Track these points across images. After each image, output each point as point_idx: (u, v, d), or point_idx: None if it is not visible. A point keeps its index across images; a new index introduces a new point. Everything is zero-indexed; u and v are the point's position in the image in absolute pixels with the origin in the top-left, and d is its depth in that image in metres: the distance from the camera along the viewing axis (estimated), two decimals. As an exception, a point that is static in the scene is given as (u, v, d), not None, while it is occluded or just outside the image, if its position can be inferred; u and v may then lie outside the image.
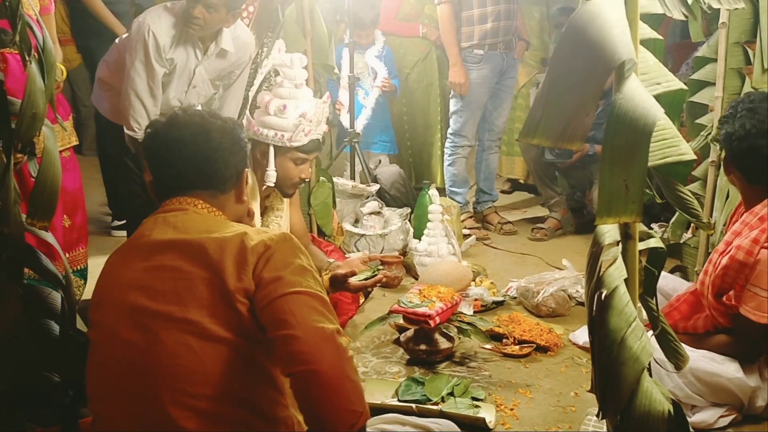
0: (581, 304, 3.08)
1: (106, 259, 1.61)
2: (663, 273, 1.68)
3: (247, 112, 2.70)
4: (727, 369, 2.08)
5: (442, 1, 4.03)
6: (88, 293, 2.90)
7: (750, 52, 2.79)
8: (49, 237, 1.92)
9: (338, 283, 2.54)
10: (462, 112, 4.19)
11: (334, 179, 3.80)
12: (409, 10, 4.75)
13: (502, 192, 5.02)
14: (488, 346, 2.70)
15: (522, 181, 5.14)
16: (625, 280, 1.34)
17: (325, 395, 1.37)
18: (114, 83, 3.07)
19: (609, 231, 1.39)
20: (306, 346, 1.38)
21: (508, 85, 4.24)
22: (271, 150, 2.56)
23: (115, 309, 1.51)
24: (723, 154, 2.20)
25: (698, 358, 2.08)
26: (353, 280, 2.54)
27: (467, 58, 4.06)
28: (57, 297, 1.97)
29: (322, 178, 3.51)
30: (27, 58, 1.76)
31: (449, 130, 4.29)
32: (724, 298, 2.13)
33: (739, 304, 2.08)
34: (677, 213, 2.92)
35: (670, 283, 2.53)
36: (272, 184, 2.59)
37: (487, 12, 3.97)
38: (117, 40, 3.20)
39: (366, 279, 2.54)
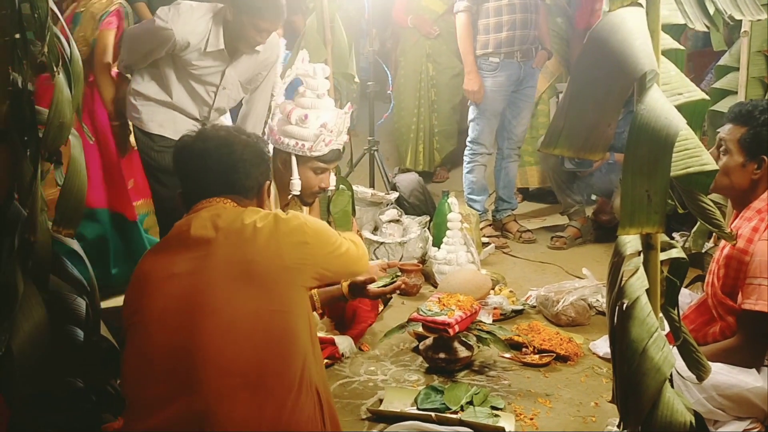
0: (601, 313, 3.07)
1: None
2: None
3: (269, 120, 2.73)
4: (746, 379, 2.06)
5: (461, 9, 4.05)
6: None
7: (772, 60, 2.77)
8: (74, 244, 1.95)
9: (357, 289, 2.55)
10: (479, 119, 4.20)
11: (354, 187, 3.82)
12: (408, 1, 5.26)
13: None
14: (507, 355, 2.70)
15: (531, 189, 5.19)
16: (647, 291, 1.34)
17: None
18: (149, 93, 3.08)
19: (630, 241, 1.39)
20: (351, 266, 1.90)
21: (527, 94, 4.23)
22: (293, 159, 2.58)
23: (157, 297, 1.59)
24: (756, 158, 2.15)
25: (716, 371, 2.06)
26: (372, 287, 2.55)
27: (483, 65, 4.08)
28: (82, 303, 1.99)
29: (341, 185, 3.52)
30: (55, 69, 1.79)
31: (468, 138, 4.31)
32: (731, 301, 2.12)
33: (742, 303, 2.07)
34: (699, 222, 2.90)
35: (686, 298, 2.51)
36: (297, 193, 2.61)
37: (502, 21, 3.99)
38: None
39: (385, 286, 2.55)
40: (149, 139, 3.09)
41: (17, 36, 1.80)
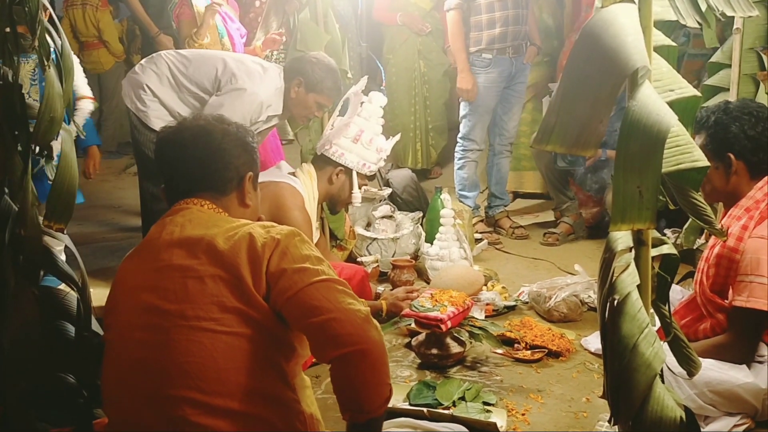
0: (593, 309, 3.08)
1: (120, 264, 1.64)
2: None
3: (328, 135, 2.93)
4: (737, 375, 2.07)
5: (451, 7, 4.07)
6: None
7: (764, 57, 2.78)
8: (65, 239, 1.94)
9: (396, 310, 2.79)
10: (470, 116, 4.21)
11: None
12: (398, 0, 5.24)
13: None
14: (500, 351, 2.71)
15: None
16: (638, 287, 1.34)
17: (371, 373, 1.42)
18: (162, 96, 3.13)
19: (622, 237, 1.39)
20: (351, 327, 1.41)
21: (518, 90, 4.24)
22: (354, 174, 2.89)
23: (127, 311, 1.53)
24: (733, 158, 2.18)
25: (707, 367, 2.07)
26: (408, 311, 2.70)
27: (475, 62, 4.09)
28: (73, 298, 1.99)
29: (334, 182, 3.53)
30: (46, 63, 1.78)
31: (459, 135, 4.32)
32: (720, 299, 2.14)
33: (733, 300, 2.08)
34: (690, 218, 2.91)
35: (677, 294, 2.52)
36: (359, 205, 3.00)
37: (495, 17, 3.99)
38: (166, 54, 3.24)
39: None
40: (151, 132, 3.09)
41: (7, 30, 1.80)
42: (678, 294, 2.54)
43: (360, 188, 2.93)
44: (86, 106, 3.25)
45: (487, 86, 4.11)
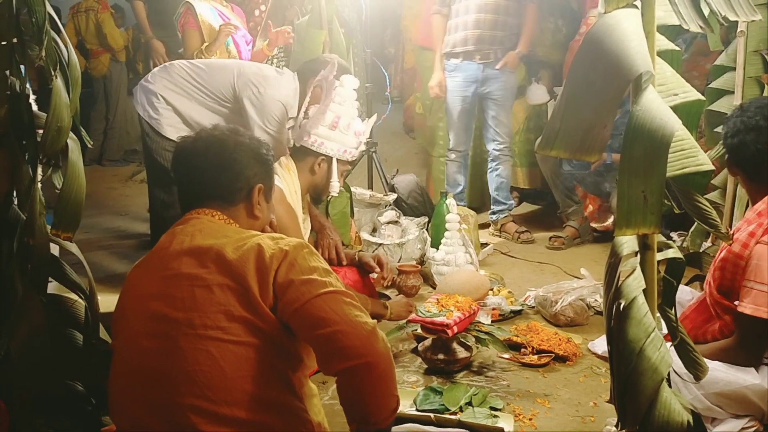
0: (600, 313, 3.07)
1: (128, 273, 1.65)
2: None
3: (301, 124, 2.80)
4: (744, 376, 2.06)
5: (435, 12, 4.27)
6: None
7: (769, 60, 2.79)
8: (73, 248, 1.95)
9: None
10: (447, 117, 4.46)
11: (352, 189, 3.82)
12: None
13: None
14: (506, 356, 2.70)
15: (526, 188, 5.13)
16: (644, 291, 1.35)
17: (378, 385, 1.43)
18: (176, 104, 3.16)
19: (627, 241, 1.39)
20: (357, 339, 1.42)
21: (495, 95, 4.29)
22: (334, 162, 2.76)
23: (135, 319, 1.54)
24: (726, 157, 2.20)
25: (715, 368, 2.07)
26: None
27: (446, 65, 4.30)
28: (80, 306, 2.00)
29: (339, 187, 3.53)
30: (53, 73, 1.79)
31: None
32: (727, 301, 2.14)
33: (739, 304, 2.08)
34: (696, 222, 2.91)
35: (687, 295, 2.52)
36: (336, 194, 2.84)
37: (458, 22, 4.16)
38: (179, 63, 3.27)
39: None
40: (164, 139, 3.12)
41: (15, 40, 1.81)
42: (687, 295, 2.54)
43: (341, 174, 2.83)
44: None
45: (451, 89, 4.32)
